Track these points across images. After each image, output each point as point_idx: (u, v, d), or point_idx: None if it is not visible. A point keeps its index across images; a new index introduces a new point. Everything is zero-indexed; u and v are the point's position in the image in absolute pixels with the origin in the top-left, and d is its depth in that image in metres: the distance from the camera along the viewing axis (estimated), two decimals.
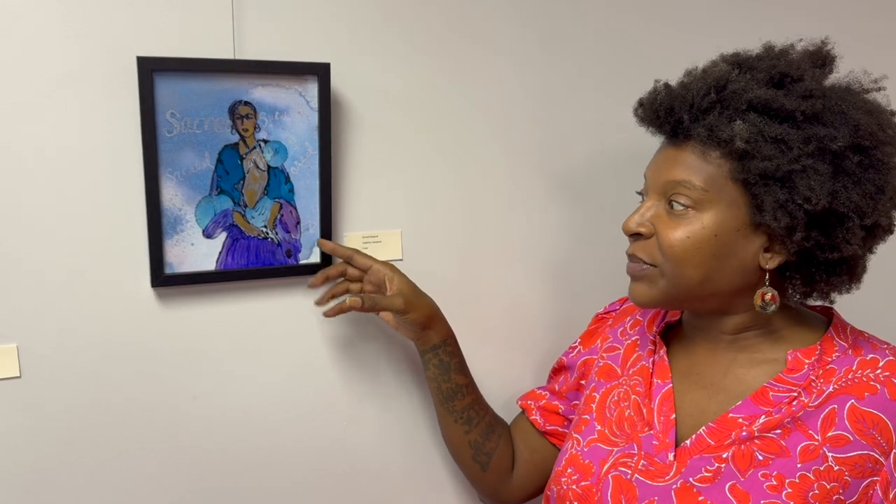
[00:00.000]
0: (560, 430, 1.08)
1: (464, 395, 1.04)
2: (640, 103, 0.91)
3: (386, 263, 1.02)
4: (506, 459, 1.08)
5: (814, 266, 0.85)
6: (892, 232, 0.87)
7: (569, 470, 0.95)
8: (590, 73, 1.17)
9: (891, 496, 0.82)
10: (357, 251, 1.03)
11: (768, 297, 0.86)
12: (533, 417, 1.08)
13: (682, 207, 0.84)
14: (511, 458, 1.08)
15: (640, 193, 0.92)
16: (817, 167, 0.79)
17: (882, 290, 0.91)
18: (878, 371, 0.85)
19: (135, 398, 0.98)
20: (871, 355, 0.87)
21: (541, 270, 1.20)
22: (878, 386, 0.84)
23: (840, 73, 0.88)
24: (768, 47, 0.89)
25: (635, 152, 1.21)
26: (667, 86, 0.89)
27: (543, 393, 1.10)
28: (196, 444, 1.02)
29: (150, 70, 0.89)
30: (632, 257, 0.90)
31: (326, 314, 1.00)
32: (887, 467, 0.82)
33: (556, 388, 1.10)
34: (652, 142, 1.20)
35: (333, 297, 1.04)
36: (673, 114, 0.86)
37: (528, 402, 1.10)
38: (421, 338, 1.02)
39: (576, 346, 1.10)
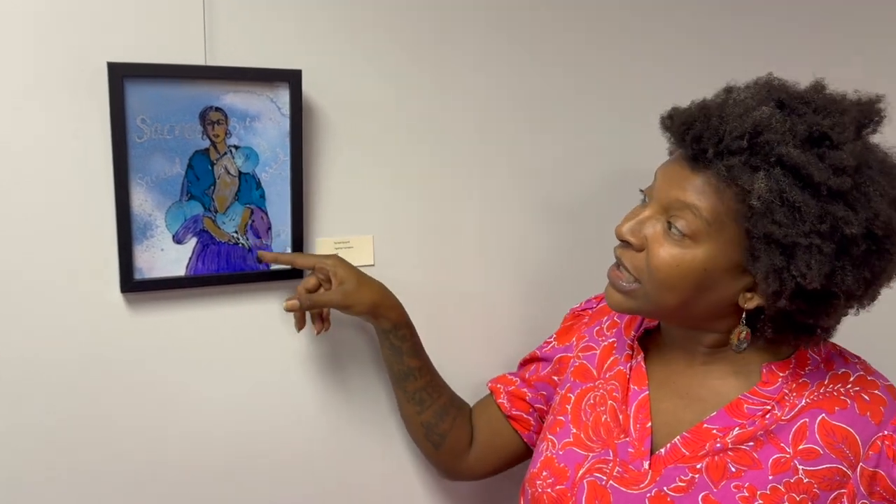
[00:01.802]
0: (525, 416, 1.08)
1: (416, 378, 1.05)
2: (671, 115, 0.88)
3: (330, 257, 1.01)
4: (461, 440, 1.09)
5: (788, 323, 0.84)
6: (872, 302, 0.86)
7: (544, 473, 0.95)
8: (564, 78, 1.17)
9: None
10: (297, 255, 1.02)
11: (743, 335, 0.85)
12: (500, 401, 1.09)
13: (678, 234, 0.83)
14: (467, 439, 1.09)
15: (642, 192, 0.90)
16: (823, 247, 0.77)
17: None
18: (849, 386, 0.86)
19: (103, 405, 0.98)
20: (843, 369, 0.88)
21: (513, 276, 1.20)
22: (848, 400, 0.85)
23: (881, 136, 0.85)
24: (818, 87, 0.84)
25: (613, 158, 1.22)
26: (702, 108, 0.84)
27: (514, 379, 1.11)
28: (166, 454, 1.02)
29: (121, 76, 0.89)
30: (618, 261, 0.89)
31: (298, 330, 1.03)
32: (853, 480, 0.83)
33: (527, 376, 1.10)
34: (629, 153, 1.21)
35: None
36: (700, 142, 0.82)
37: (498, 385, 1.11)
38: (372, 323, 1.04)
39: (550, 342, 1.10)
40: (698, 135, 0.82)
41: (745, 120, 0.80)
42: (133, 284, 0.95)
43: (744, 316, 0.85)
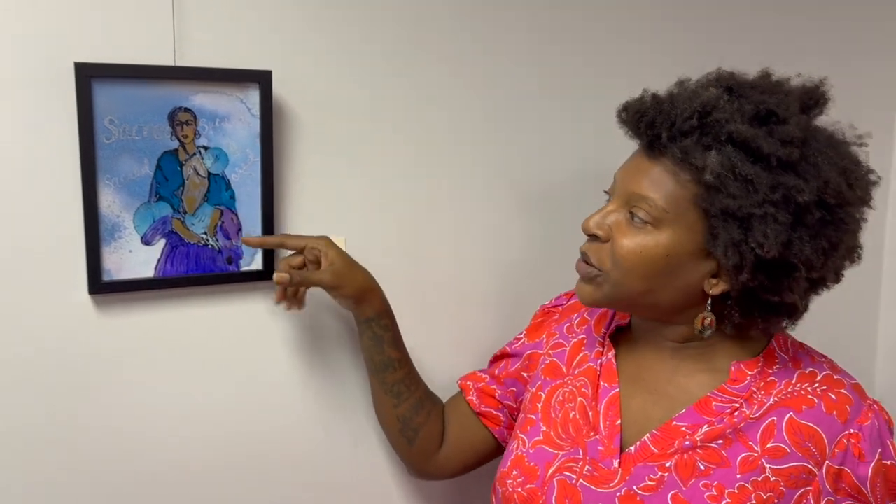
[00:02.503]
0: (494, 412, 1.09)
1: (395, 369, 1.04)
2: (625, 108, 0.91)
3: (321, 238, 1.00)
4: (434, 436, 1.08)
5: (754, 303, 0.86)
6: (837, 282, 0.88)
7: (514, 472, 0.95)
8: (536, 78, 1.18)
9: None
10: (287, 235, 1.02)
11: (707, 321, 0.87)
12: (469, 398, 1.09)
13: (640, 221, 0.85)
14: (440, 436, 1.09)
15: (606, 193, 0.93)
16: (778, 216, 0.79)
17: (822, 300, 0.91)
18: (816, 385, 0.87)
19: (70, 410, 0.97)
20: (810, 368, 0.89)
21: (487, 276, 1.20)
22: (815, 399, 0.86)
23: (828, 118, 0.87)
24: (764, 75, 0.89)
25: (585, 158, 1.22)
26: (654, 97, 0.88)
27: (483, 376, 1.11)
28: (137, 461, 1.01)
29: (89, 76, 0.89)
30: (583, 256, 0.91)
31: (277, 302, 1.02)
32: (819, 478, 0.84)
33: (496, 372, 1.11)
34: (598, 151, 1.21)
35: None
36: (653, 128, 0.85)
37: (468, 382, 1.11)
38: (355, 310, 1.03)
39: (520, 338, 1.11)
40: (651, 121, 0.85)
41: (693, 101, 0.84)
42: (101, 286, 0.94)
43: (709, 302, 0.87)
